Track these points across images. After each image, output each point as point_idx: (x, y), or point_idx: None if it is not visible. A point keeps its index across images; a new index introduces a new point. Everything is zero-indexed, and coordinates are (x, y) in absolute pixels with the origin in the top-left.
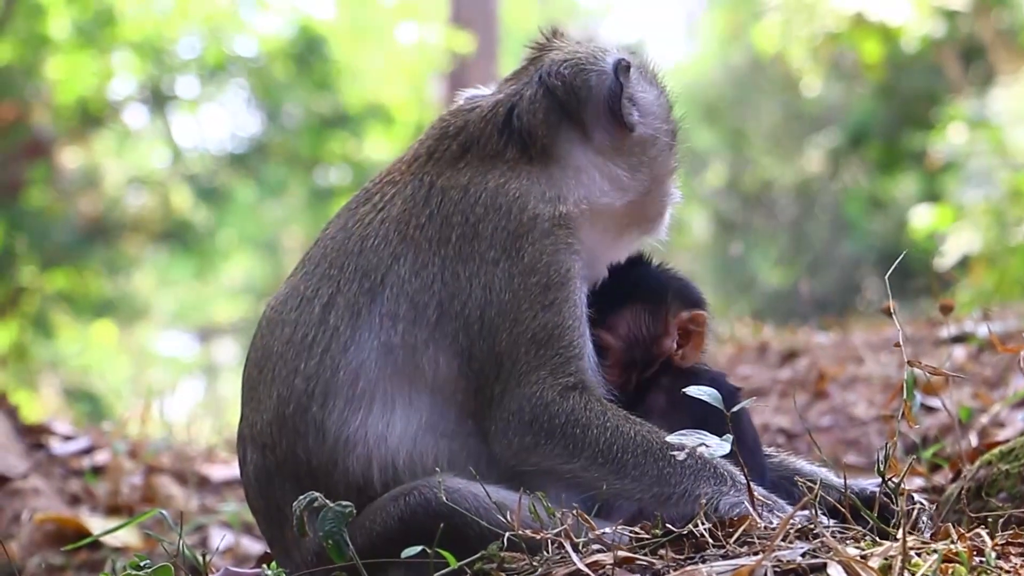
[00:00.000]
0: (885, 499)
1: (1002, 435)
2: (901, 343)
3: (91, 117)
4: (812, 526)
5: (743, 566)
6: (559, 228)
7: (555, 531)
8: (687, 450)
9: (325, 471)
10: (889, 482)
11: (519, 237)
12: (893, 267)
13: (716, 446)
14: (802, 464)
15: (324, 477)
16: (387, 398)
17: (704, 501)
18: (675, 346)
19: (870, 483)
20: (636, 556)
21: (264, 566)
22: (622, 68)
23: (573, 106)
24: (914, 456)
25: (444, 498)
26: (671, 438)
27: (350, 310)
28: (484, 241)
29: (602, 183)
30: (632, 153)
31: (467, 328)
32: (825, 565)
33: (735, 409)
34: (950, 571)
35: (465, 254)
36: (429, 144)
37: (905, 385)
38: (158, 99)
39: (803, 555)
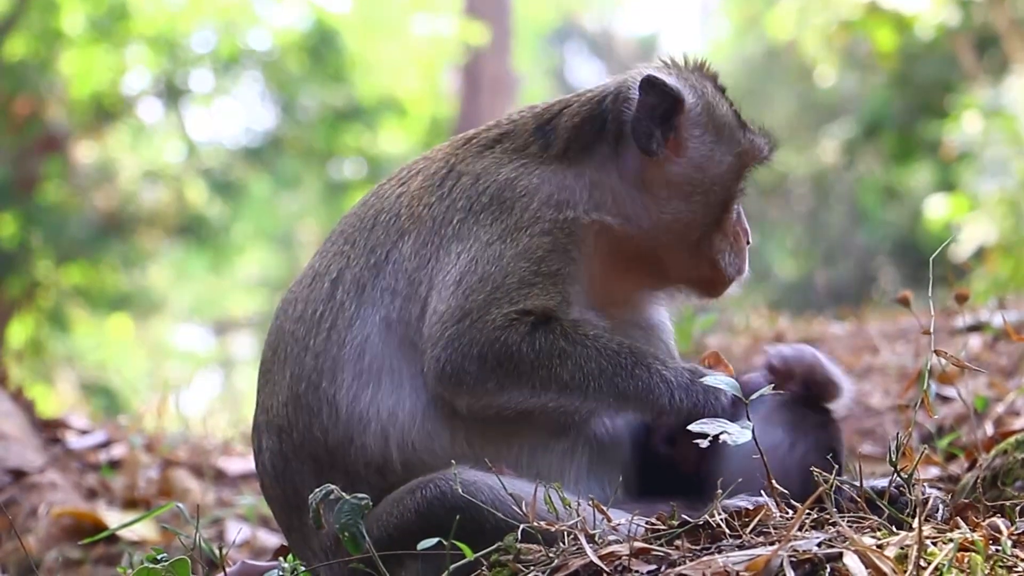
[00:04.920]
0: (896, 491)
1: (1018, 424)
2: (931, 331)
3: (105, 112)
4: (828, 516)
5: (759, 556)
6: (559, 231)
7: (571, 523)
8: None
9: (342, 449)
10: (901, 472)
11: (518, 230)
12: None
13: (737, 434)
14: None
15: (342, 456)
16: (394, 373)
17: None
18: None
19: (880, 481)
20: (652, 547)
21: (281, 559)
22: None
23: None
24: (926, 445)
25: (460, 490)
26: (693, 427)
27: (355, 285)
28: (483, 228)
29: (618, 204)
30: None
31: (441, 290)
32: (841, 555)
33: (754, 397)
34: (966, 560)
35: (462, 234)
36: (478, 130)
37: (922, 374)
38: (172, 93)
39: (819, 545)
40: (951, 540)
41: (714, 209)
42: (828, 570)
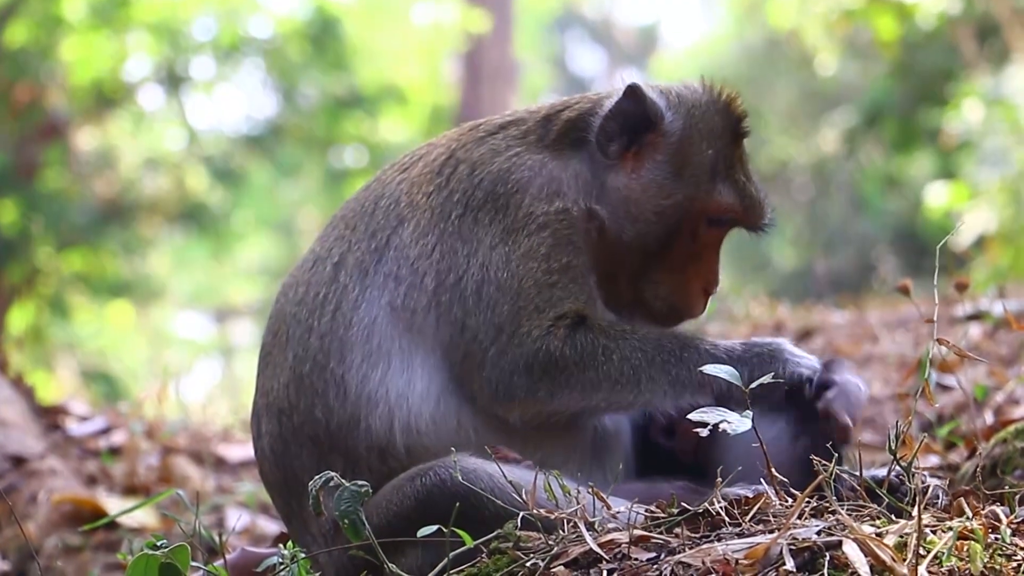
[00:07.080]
0: (896, 480)
1: (1017, 413)
2: (935, 319)
3: (106, 98)
4: (828, 504)
5: (758, 544)
6: (555, 222)
7: (570, 510)
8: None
9: (346, 430)
10: (901, 461)
11: (515, 231)
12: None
13: (737, 423)
14: None
15: (344, 438)
16: (404, 355)
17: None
18: None
19: (880, 470)
20: (651, 534)
21: (280, 545)
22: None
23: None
24: (925, 434)
25: (460, 478)
26: (693, 416)
27: (358, 268)
28: (482, 228)
29: (600, 199)
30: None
31: (463, 301)
32: (840, 543)
33: (753, 385)
34: (965, 548)
35: (464, 234)
36: (490, 116)
37: (923, 362)
38: (173, 80)
39: (818, 533)
40: (950, 528)
41: (651, 241)
42: (827, 558)
